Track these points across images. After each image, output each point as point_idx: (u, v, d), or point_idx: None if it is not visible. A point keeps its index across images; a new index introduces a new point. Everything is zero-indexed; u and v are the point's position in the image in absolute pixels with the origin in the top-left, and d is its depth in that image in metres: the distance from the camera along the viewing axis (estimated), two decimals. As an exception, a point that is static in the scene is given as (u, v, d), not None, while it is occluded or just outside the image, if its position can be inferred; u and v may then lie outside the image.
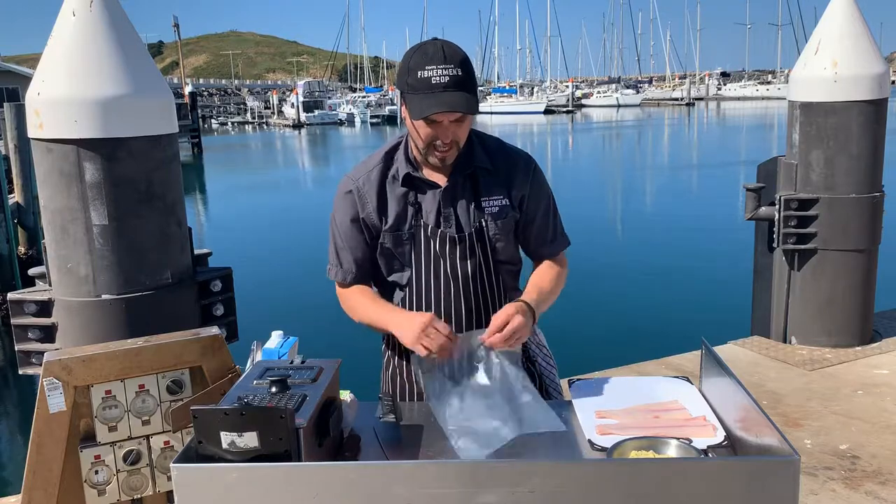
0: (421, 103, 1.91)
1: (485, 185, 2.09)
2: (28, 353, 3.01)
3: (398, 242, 2.09)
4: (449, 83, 1.89)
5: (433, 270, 2.08)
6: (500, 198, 2.10)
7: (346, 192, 2.12)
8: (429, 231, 2.06)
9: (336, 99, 78.75)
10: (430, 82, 1.89)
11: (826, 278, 5.19)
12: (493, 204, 2.09)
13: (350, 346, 8.44)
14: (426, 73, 1.90)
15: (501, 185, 2.10)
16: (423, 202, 2.08)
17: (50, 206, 2.93)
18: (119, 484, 2.21)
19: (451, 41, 1.97)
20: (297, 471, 1.42)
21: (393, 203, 2.08)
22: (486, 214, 2.08)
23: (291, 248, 15.76)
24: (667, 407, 1.87)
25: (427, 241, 2.07)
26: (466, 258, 2.07)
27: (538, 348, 2.27)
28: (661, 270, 12.46)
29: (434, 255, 2.07)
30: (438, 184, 2.08)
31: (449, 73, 1.89)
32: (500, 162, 2.12)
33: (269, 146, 51.92)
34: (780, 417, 4.16)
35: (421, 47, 1.96)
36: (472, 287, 2.09)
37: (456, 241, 2.06)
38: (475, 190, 2.09)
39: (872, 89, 4.99)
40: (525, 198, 2.13)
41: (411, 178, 2.08)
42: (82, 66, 2.85)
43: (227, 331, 3.16)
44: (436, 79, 1.89)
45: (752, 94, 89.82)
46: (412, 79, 1.92)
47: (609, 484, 1.37)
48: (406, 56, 1.97)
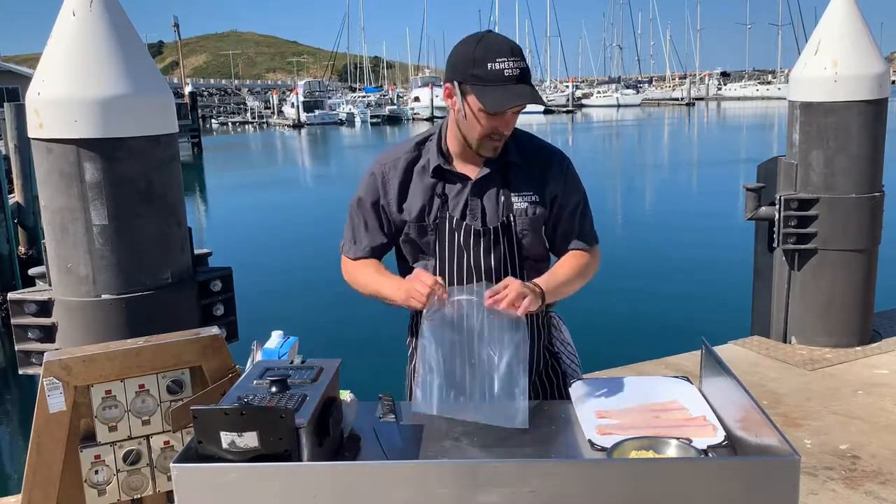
0: (494, 95, 1.90)
1: (515, 179, 2.09)
2: (28, 353, 3.01)
3: (422, 233, 2.09)
4: (519, 76, 1.90)
5: (456, 262, 2.08)
6: (531, 194, 2.09)
7: (371, 174, 2.14)
8: (454, 223, 2.06)
9: (336, 99, 78.69)
10: (502, 74, 1.89)
11: (826, 278, 5.19)
12: (523, 199, 2.09)
13: (350, 346, 8.48)
14: (497, 66, 1.89)
15: (533, 181, 2.10)
16: (451, 194, 2.08)
17: (50, 206, 2.93)
18: (119, 484, 2.21)
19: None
20: (297, 471, 1.42)
21: (418, 193, 2.08)
22: (514, 209, 2.08)
23: (291, 248, 15.75)
24: (667, 407, 1.87)
25: (451, 232, 2.07)
26: (490, 252, 2.07)
27: (563, 345, 2.27)
28: (660, 270, 12.46)
29: (458, 247, 2.07)
30: (468, 176, 2.08)
31: (520, 66, 1.91)
32: (533, 158, 2.11)
33: (269, 146, 51.91)
34: (780, 417, 4.16)
35: (483, 39, 1.94)
36: (494, 280, 2.08)
37: (480, 234, 2.06)
38: (505, 184, 2.08)
39: (872, 89, 4.99)
40: (557, 196, 2.13)
41: (441, 170, 2.07)
42: (82, 66, 2.85)
43: (227, 331, 3.16)
44: (508, 71, 1.89)
45: (752, 94, 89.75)
46: (480, 70, 1.90)
47: (609, 484, 1.38)
48: (464, 48, 1.95)
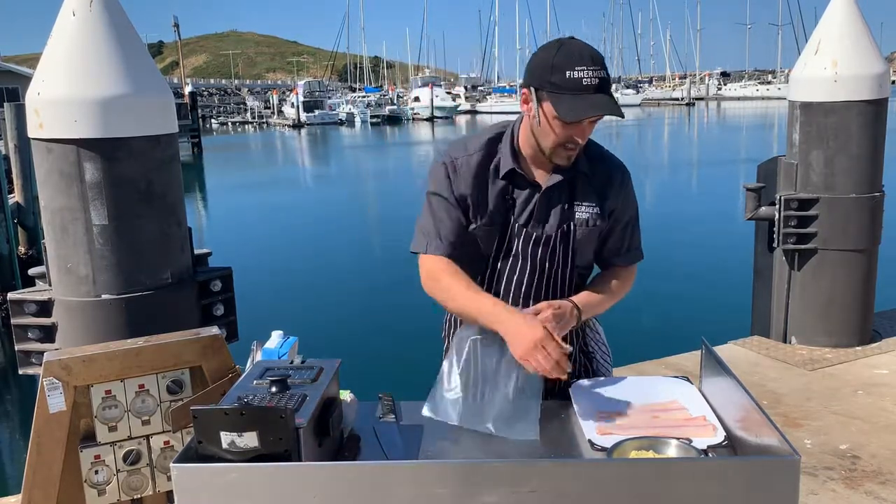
0: (571, 104, 1.87)
1: (581, 190, 2.08)
2: (28, 353, 3.01)
3: (489, 238, 2.08)
4: (599, 85, 1.87)
5: (510, 265, 2.08)
6: (593, 205, 2.08)
7: (443, 166, 2.07)
8: (516, 229, 2.06)
9: (336, 99, 78.63)
10: (580, 83, 1.86)
11: (826, 278, 5.19)
12: (585, 210, 2.07)
13: (350, 346, 8.48)
14: (576, 74, 1.86)
15: (596, 192, 2.09)
16: (518, 198, 2.06)
17: (50, 206, 2.93)
18: (119, 484, 2.22)
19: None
20: (297, 471, 1.42)
21: (490, 195, 2.06)
22: (575, 219, 2.07)
23: (291, 248, 15.75)
24: (667, 407, 1.87)
25: (513, 237, 2.06)
26: (546, 259, 2.07)
27: (597, 345, 2.28)
28: (660, 270, 12.43)
29: (516, 252, 2.07)
30: (539, 183, 2.06)
31: (599, 76, 1.87)
32: (599, 169, 2.10)
33: (269, 146, 51.89)
34: (780, 417, 4.16)
35: (563, 46, 1.91)
36: (544, 287, 2.09)
37: (539, 242, 2.05)
38: (571, 193, 2.08)
39: (872, 89, 4.99)
40: (615, 210, 2.12)
41: (513, 173, 2.05)
42: (82, 66, 2.85)
43: (227, 331, 3.16)
44: (587, 80, 1.86)
45: (752, 94, 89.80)
46: (558, 78, 1.87)
47: (609, 484, 1.38)
48: (544, 54, 1.92)
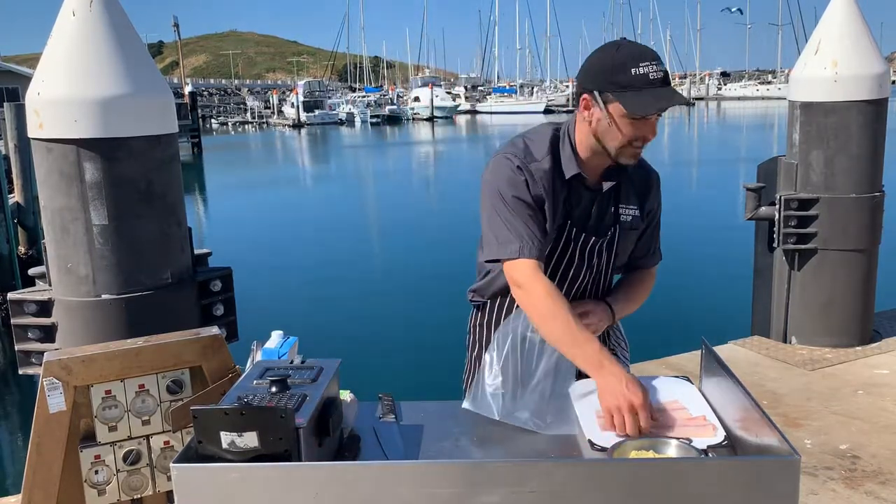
0: (642, 99, 1.86)
1: (625, 192, 2.10)
2: (28, 353, 3.01)
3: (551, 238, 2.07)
4: (663, 79, 1.88)
5: (564, 266, 2.09)
6: (634, 208, 2.11)
7: (518, 168, 2.00)
8: (573, 233, 2.06)
9: (336, 99, 78.60)
10: (647, 78, 1.86)
11: (826, 278, 5.19)
12: (628, 213, 2.10)
13: (350, 346, 8.47)
14: (642, 70, 1.86)
15: (637, 195, 2.12)
16: (575, 202, 2.06)
17: (50, 206, 2.93)
18: (119, 484, 2.22)
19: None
20: (297, 471, 1.42)
21: (559, 200, 2.04)
22: (620, 222, 2.09)
23: (292, 247, 15.76)
24: (667, 407, 1.87)
25: (569, 240, 2.07)
26: (595, 261, 2.09)
27: (618, 342, 2.32)
28: (661, 270, 12.42)
29: (571, 254, 2.08)
30: (597, 188, 2.07)
31: (661, 70, 1.88)
32: (638, 172, 2.12)
33: (269, 146, 51.89)
34: (780, 417, 4.16)
35: (621, 46, 1.91)
36: (587, 287, 2.12)
37: (587, 244, 2.07)
38: (617, 196, 2.09)
39: (872, 89, 4.99)
40: (651, 211, 2.16)
41: (578, 178, 2.03)
42: (82, 66, 2.85)
43: (227, 331, 3.16)
44: (653, 74, 1.86)
45: (752, 94, 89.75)
46: (624, 76, 1.86)
47: (609, 484, 1.37)
48: (603, 55, 1.92)
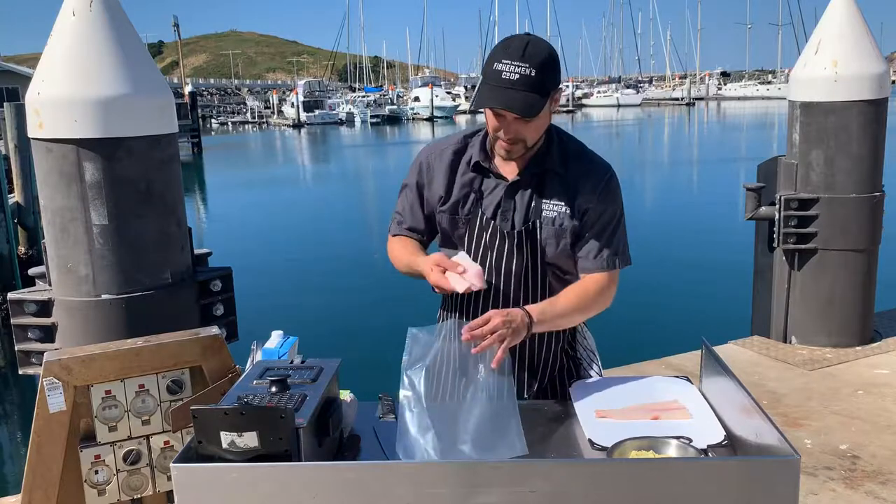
0: (483, 94, 1.89)
1: (551, 187, 2.07)
2: (28, 353, 3.01)
3: (454, 225, 2.10)
4: (517, 81, 1.85)
5: (480, 259, 2.08)
6: (561, 204, 2.06)
7: (418, 161, 2.19)
8: (483, 221, 2.07)
9: (336, 99, 78.59)
10: (499, 76, 1.87)
11: (826, 278, 5.19)
12: (553, 209, 2.06)
13: (350, 346, 8.47)
14: (499, 66, 1.87)
15: (568, 191, 2.07)
16: (486, 191, 2.09)
17: (50, 206, 2.93)
18: (119, 484, 2.22)
19: (543, 39, 1.94)
20: (297, 471, 1.42)
21: (457, 186, 2.10)
22: (542, 216, 2.06)
23: (291, 247, 15.75)
24: (667, 407, 1.87)
25: (481, 230, 2.07)
26: (513, 255, 2.06)
27: (586, 352, 2.25)
28: (661, 270, 12.45)
29: (484, 245, 2.08)
30: (505, 177, 2.08)
31: (520, 72, 1.86)
32: (574, 168, 2.08)
33: (269, 146, 51.89)
34: (780, 417, 4.16)
35: (508, 39, 1.94)
36: (513, 283, 2.08)
37: (505, 236, 2.06)
38: (539, 190, 2.07)
39: (872, 89, 4.99)
40: (588, 210, 2.07)
41: (480, 166, 2.08)
42: (82, 66, 2.85)
43: (227, 331, 3.16)
44: (506, 73, 1.86)
45: (752, 94, 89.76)
46: (487, 68, 1.91)
47: (609, 484, 1.38)
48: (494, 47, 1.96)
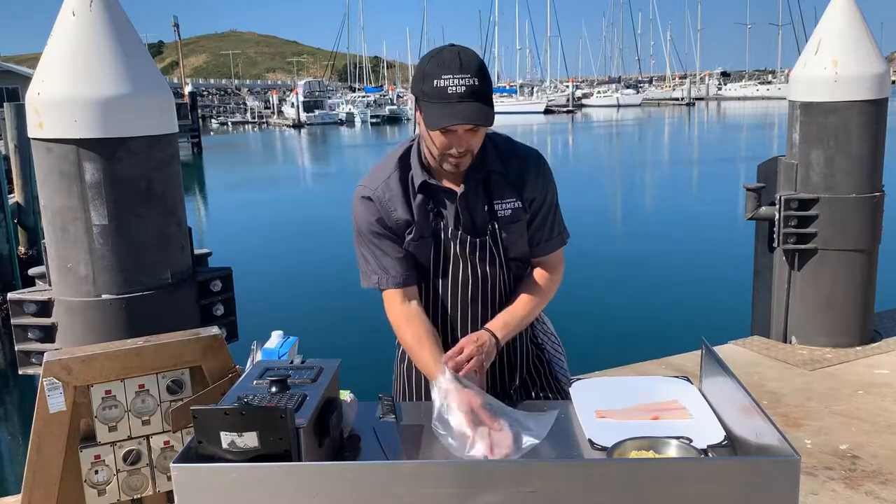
0: (437, 113, 1.88)
1: (497, 187, 2.08)
2: (28, 353, 3.01)
3: (423, 249, 2.08)
4: (465, 93, 1.86)
5: (452, 271, 2.09)
6: (513, 200, 2.08)
7: (366, 199, 2.07)
8: (449, 233, 2.07)
9: (336, 99, 78.59)
10: (445, 92, 1.86)
11: (826, 278, 5.19)
12: (506, 207, 2.07)
13: (350, 346, 8.48)
14: (442, 83, 1.86)
15: (513, 187, 2.09)
16: (441, 207, 2.07)
17: (50, 206, 2.93)
18: (119, 484, 2.22)
19: (468, 47, 1.93)
20: (297, 471, 1.42)
21: (416, 211, 2.06)
22: (498, 218, 2.07)
23: (291, 247, 15.75)
24: (667, 407, 1.87)
25: (448, 242, 2.07)
26: (486, 261, 2.08)
27: (546, 336, 2.30)
28: (661, 270, 12.46)
29: (454, 257, 2.08)
30: (454, 189, 2.06)
31: (465, 84, 1.86)
32: (512, 164, 2.10)
33: (269, 146, 51.91)
34: (780, 417, 4.16)
35: (437, 54, 1.92)
36: (489, 287, 2.11)
37: (476, 246, 2.06)
38: (487, 193, 2.07)
39: (872, 89, 4.99)
40: (535, 199, 2.12)
41: (427, 185, 2.06)
42: (82, 66, 2.85)
43: (227, 331, 3.16)
44: (452, 88, 1.86)
45: (752, 94, 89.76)
46: (428, 87, 1.89)
47: (609, 484, 1.38)
48: (422, 62, 1.94)
